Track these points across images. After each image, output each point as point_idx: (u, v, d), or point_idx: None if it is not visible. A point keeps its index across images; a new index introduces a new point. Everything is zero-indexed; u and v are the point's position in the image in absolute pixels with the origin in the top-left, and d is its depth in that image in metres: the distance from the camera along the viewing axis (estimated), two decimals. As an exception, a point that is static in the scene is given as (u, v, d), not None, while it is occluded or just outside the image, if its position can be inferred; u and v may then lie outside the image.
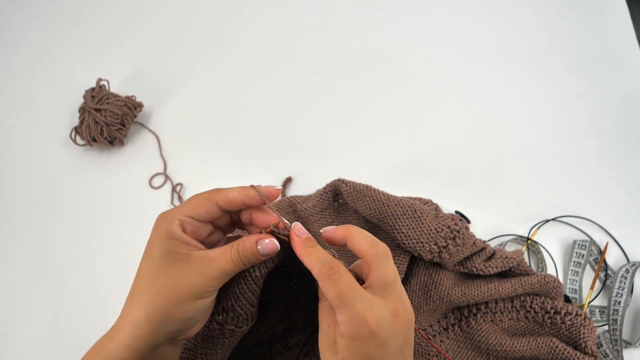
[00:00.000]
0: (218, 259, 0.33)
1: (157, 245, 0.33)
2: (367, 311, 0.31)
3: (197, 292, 0.33)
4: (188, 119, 0.67)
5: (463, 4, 0.76)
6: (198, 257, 0.33)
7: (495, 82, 0.69)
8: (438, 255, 0.49)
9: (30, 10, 0.79)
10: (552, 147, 0.63)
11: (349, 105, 0.68)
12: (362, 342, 0.31)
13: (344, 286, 0.31)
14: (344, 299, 0.31)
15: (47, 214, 0.61)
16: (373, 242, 0.34)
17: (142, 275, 0.33)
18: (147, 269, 0.33)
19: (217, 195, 0.34)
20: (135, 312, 0.32)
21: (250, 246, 0.34)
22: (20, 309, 0.55)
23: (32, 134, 0.67)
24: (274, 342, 0.46)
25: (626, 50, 0.70)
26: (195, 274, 0.32)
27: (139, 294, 0.32)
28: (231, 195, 0.34)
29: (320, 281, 0.32)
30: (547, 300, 0.50)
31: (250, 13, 0.77)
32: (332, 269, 0.32)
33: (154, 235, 0.33)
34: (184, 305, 0.32)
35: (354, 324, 0.31)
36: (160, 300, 0.32)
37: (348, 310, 0.31)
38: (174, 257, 0.32)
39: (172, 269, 0.32)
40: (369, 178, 0.57)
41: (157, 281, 0.32)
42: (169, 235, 0.33)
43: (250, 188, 0.34)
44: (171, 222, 0.33)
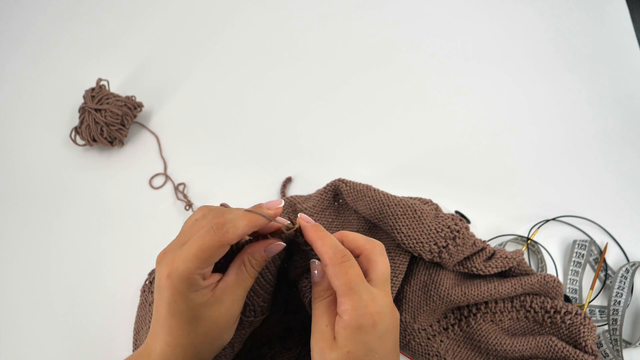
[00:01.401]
0: (239, 281, 0.34)
1: (182, 303, 0.32)
2: (372, 302, 0.32)
3: (234, 318, 0.34)
4: (188, 119, 0.67)
5: (463, 3, 0.76)
6: (222, 292, 0.33)
7: (495, 81, 0.69)
8: (438, 255, 0.49)
9: (30, 10, 0.79)
10: (552, 147, 0.63)
11: (348, 104, 0.68)
12: (366, 332, 0.31)
13: (354, 274, 0.32)
14: (353, 286, 0.31)
15: (47, 214, 0.61)
16: (368, 238, 0.36)
17: (175, 331, 0.32)
18: (180, 325, 0.32)
19: (227, 238, 0.32)
20: (179, 355, 0.32)
21: (260, 257, 0.35)
22: (20, 310, 0.55)
23: (32, 134, 0.67)
24: (273, 343, 0.46)
25: (626, 50, 0.70)
26: (228, 306, 0.33)
27: (181, 348, 0.32)
28: (241, 232, 0.33)
29: (332, 266, 0.32)
30: (547, 300, 0.50)
31: (249, 11, 0.77)
32: (345, 257, 0.33)
33: (175, 294, 0.31)
34: (225, 335, 0.34)
35: (360, 313, 0.31)
36: (204, 345, 0.33)
37: (355, 298, 0.31)
38: (203, 305, 0.32)
39: (208, 314, 0.33)
40: (369, 178, 0.57)
41: (196, 333, 0.32)
42: (192, 290, 0.32)
43: (255, 215, 0.33)
44: (192, 279, 0.32)
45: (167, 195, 0.61)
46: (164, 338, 0.32)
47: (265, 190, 0.61)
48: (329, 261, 0.33)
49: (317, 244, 0.34)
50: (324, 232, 0.35)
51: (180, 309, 0.32)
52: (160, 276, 0.32)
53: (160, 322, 0.33)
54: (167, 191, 0.62)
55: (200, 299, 0.32)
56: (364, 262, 0.35)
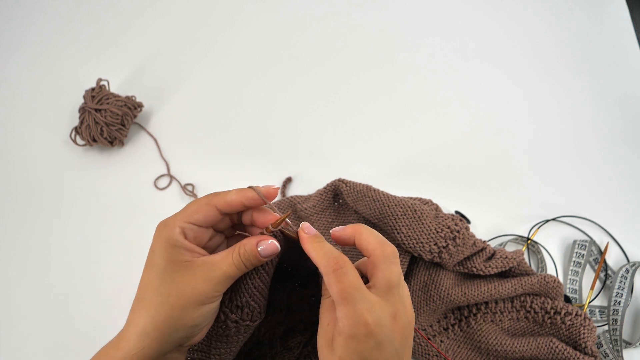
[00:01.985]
0: (221, 264, 0.33)
1: (159, 254, 0.33)
2: (367, 311, 0.31)
3: (202, 298, 0.33)
4: (188, 119, 0.67)
5: (463, 3, 0.76)
6: (201, 263, 0.33)
7: (495, 81, 0.69)
8: (438, 255, 0.49)
9: (30, 10, 0.79)
10: (552, 147, 0.63)
11: (348, 104, 0.68)
12: (360, 342, 0.31)
13: (348, 283, 0.31)
14: (346, 296, 0.31)
15: (47, 214, 0.61)
16: (381, 242, 0.34)
17: (146, 285, 0.33)
18: (150, 279, 0.33)
19: (215, 199, 0.34)
20: (142, 321, 0.32)
21: (251, 248, 0.34)
22: (20, 311, 0.55)
23: (32, 134, 0.67)
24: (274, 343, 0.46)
25: (626, 50, 0.70)
26: (199, 280, 0.33)
27: (145, 303, 0.33)
28: (230, 198, 0.34)
29: (325, 275, 0.32)
30: (547, 301, 0.50)
31: (249, 11, 0.77)
32: (338, 264, 0.32)
33: (156, 244, 0.33)
34: (191, 312, 0.33)
35: (353, 322, 0.30)
36: (166, 309, 0.32)
37: (348, 308, 0.31)
38: (177, 265, 0.33)
39: (177, 277, 0.32)
40: (369, 178, 0.57)
41: (162, 290, 0.32)
42: (170, 243, 0.33)
43: (248, 189, 0.34)
44: (172, 230, 0.33)
45: (167, 196, 0.61)
46: (139, 292, 0.33)
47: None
48: (323, 270, 0.32)
49: (312, 255, 0.33)
50: (320, 242, 0.34)
51: (156, 261, 0.33)
52: (153, 238, 0.34)
53: (141, 278, 0.34)
54: (167, 191, 0.62)
55: (177, 256, 0.33)
56: (370, 266, 0.34)
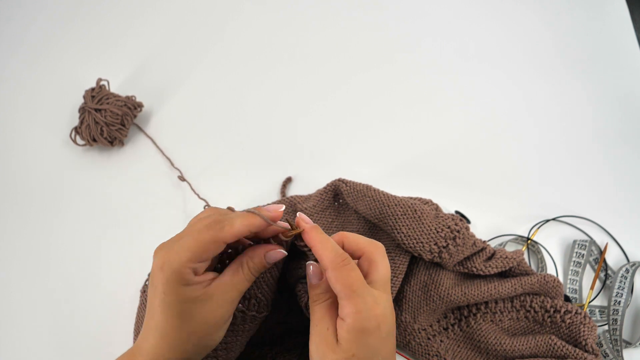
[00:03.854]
0: (233, 283, 0.34)
1: (173, 297, 0.32)
2: (375, 304, 0.31)
3: (224, 319, 0.34)
4: (188, 119, 0.67)
5: (463, 3, 0.76)
6: (215, 290, 0.33)
7: (495, 81, 0.69)
8: (438, 255, 0.49)
9: (30, 10, 0.79)
10: (552, 147, 0.63)
11: (349, 104, 0.68)
12: (370, 335, 0.31)
13: (355, 278, 0.32)
14: (356, 289, 0.31)
15: (47, 214, 0.61)
16: (370, 240, 0.35)
17: (162, 325, 0.32)
18: (168, 319, 0.32)
19: (222, 234, 0.33)
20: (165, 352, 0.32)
21: (259, 261, 0.34)
22: (19, 311, 0.55)
23: (32, 134, 0.67)
24: (274, 344, 0.46)
25: (626, 50, 0.70)
26: (218, 306, 0.33)
27: (167, 339, 0.32)
28: (237, 230, 0.33)
29: (333, 270, 0.32)
30: (546, 299, 0.50)
31: (250, 11, 0.77)
32: (346, 260, 0.32)
33: (166, 286, 0.32)
34: (214, 335, 0.34)
35: (363, 316, 0.31)
36: (192, 343, 0.33)
37: (359, 301, 0.31)
38: (193, 301, 0.32)
39: (196, 311, 0.32)
40: (369, 178, 0.57)
41: (185, 327, 0.32)
42: (183, 284, 0.32)
43: (253, 216, 0.33)
44: (183, 272, 0.32)
45: (168, 196, 0.61)
46: (153, 335, 0.32)
47: (265, 190, 0.61)
48: (329, 265, 0.32)
49: (317, 247, 0.33)
50: (323, 234, 0.34)
51: (170, 302, 0.32)
52: (154, 268, 0.32)
53: (151, 316, 0.33)
54: (168, 191, 0.62)
55: (191, 293, 0.32)
56: (365, 264, 0.35)
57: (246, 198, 0.60)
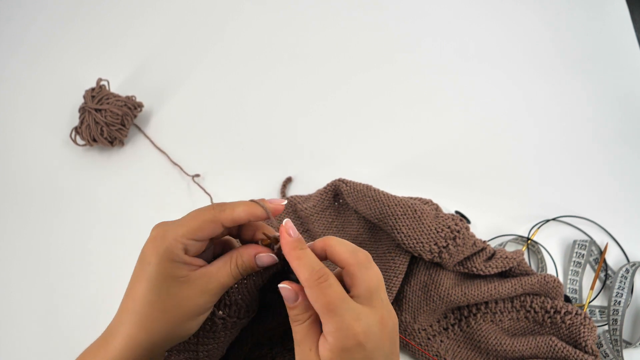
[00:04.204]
0: (218, 275, 0.33)
1: (156, 268, 0.32)
2: (355, 321, 0.30)
3: (200, 310, 0.33)
4: (188, 119, 0.67)
5: (463, 3, 0.76)
6: (199, 276, 0.33)
7: (495, 81, 0.69)
8: (438, 255, 0.49)
9: (30, 10, 0.79)
10: (552, 147, 0.63)
11: (349, 104, 0.68)
12: (353, 353, 0.30)
13: (334, 295, 0.30)
14: (333, 308, 0.30)
15: (47, 213, 0.61)
16: (353, 250, 0.33)
17: (139, 297, 0.32)
18: (145, 292, 0.32)
19: (222, 215, 0.33)
20: (135, 334, 0.32)
21: (248, 259, 0.34)
22: (18, 310, 0.55)
23: (32, 134, 0.67)
24: (274, 344, 0.46)
25: (626, 50, 0.70)
26: (197, 293, 0.32)
27: (139, 317, 0.32)
28: (237, 215, 0.33)
29: (309, 289, 0.31)
30: (547, 300, 0.50)
31: (250, 12, 0.77)
32: (322, 277, 0.31)
33: (153, 257, 0.32)
34: (187, 324, 0.33)
35: (343, 334, 0.30)
36: (163, 324, 0.32)
37: (337, 320, 0.30)
38: (175, 280, 0.32)
39: (174, 291, 0.32)
40: (369, 178, 0.57)
41: (159, 305, 0.32)
42: (170, 258, 0.32)
43: (256, 205, 0.34)
44: (174, 246, 0.32)
45: (168, 195, 0.61)
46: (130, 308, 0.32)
47: (265, 190, 0.61)
48: (305, 283, 0.31)
49: (294, 264, 0.32)
50: (303, 249, 0.33)
51: (152, 275, 0.31)
52: (147, 241, 0.32)
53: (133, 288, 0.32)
54: (168, 191, 0.62)
55: (175, 271, 0.32)
56: (347, 277, 0.33)
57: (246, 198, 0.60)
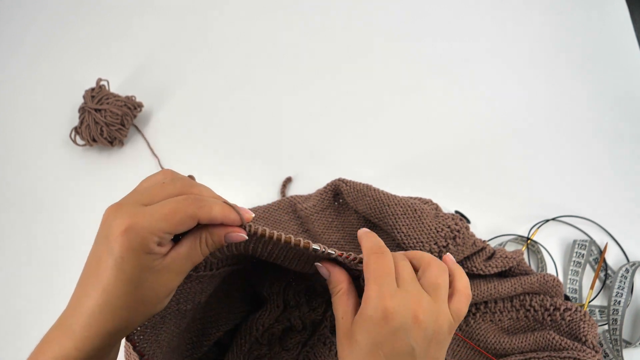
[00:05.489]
0: (190, 255, 0.33)
1: (130, 262, 0.30)
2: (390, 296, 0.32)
3: (172, 290, 0.33)
4: (188, 119, 0.67)
5: (463, 4, 0.76)
6: (172, 261, 0.32)
7: (495, 81, 0.69)
8: (438, 255, 0.49)
9: (30, 10, 0.79)
10: (552, 147, 0.63)
11: (349, 104, 0.68)
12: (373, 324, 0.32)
13: (382, 265, 0.34)
14: (377, 276, 0.33)
15: (47, 214, 0.61)
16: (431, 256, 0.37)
17: (114, 289, 0.31)
18: (119, 284, 0.30)
19: (201, 212, 0.32)
20: (105, 324, 0.31)
21: (218, 240, 0.34)
22: (19, 310, 0.55)
23: (32, 134, 0.67)
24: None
25: (626, 50, 0.70)
26: (172, 277, 0.32)
27: (112, 307, 0.31)
28: (214, 214, 0.33)
29: (366, 257, 0.34)
30: (546, 298, 0.50)
31: (250, 14, 0.77)
32: (380, 249, 0.35)
33: (128, 252, 0.30)
34: (160, 304, 0.33)
35: (373, 303, 0.32)
36: (139, 311, 0.32)
37: (375, 288, 0.33)
38: (150, 270, 0.31)
39: (150, 280, 0.31)
40: (369, 178, 0.57)
41: (135, 296, 0.31)
42: (145, 251, 0.30)
43: (231, 209, 0.34)
44: (149, 239, 0.30)
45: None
46: (96, 298, 0.30)
47: (265, 190, 0.61)
48: (366, 251, 0.35)
49: (362, 236, 0.37)
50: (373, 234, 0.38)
51: (126, 268, 0.30)
52: (113, 229, 0.30)
53: (99, 277, 0.31)
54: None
55: (150, 263, 0.31)
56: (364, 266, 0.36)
57: (246, 198, 0.60)
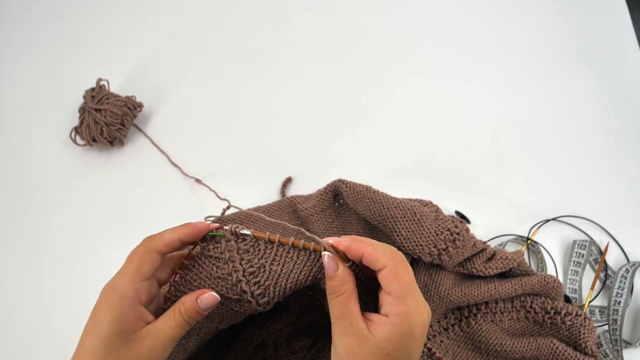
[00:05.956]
0: (165, 329, 0.33)
1: (107, 325, 0.31)
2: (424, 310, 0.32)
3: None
4: (188, 119, 0.67)
5: (463, 4, 0.76)
6: (147, 333, 0.33)
7: (495, 82, 0.69)
8: (438, 257, 0.49)
9: (30, 11, 0.79)
10: (552, 147, 0.63)
11: (349, 105, 0.68)
12: (412, 340, 0.31)
13: (412, 276, 0.32)
14: (412, 290, 0.31)
15: (47, 214, 0.61)
16: (391, 250, 0.33)
17: (89, 354, 0.32)
18: (96, 349, 0.31)
19: (153, 243, 0.34)
20: None
21: (191, 305, 0.34)
22: (19, 311, 0.55)
23: (32, 134, 0.67)
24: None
25: (626, 50, 0.70)
26: (147, 350, 0.32)
27: None
28: (167, 238, 0.34)
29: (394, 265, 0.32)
30: (547, 301, 0.50)
31: (250, 13, 0.77)
32: (402, 257, 0.33)
33: (105, 313, 0.32)
34: None
35: (412, 320, 0.31)
36: None
37: (412, 304, 0.31)
38: (124, 337, 0.32)
39: (124, 349, 0.32)
40: (369, 178, 0.57)
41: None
42: (119, 313, 0.32)
43: (183, 226, 0.35)
44: (123, 299, 0.32)
45: (168, 195, 0.61)
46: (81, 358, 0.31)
47: (265, 190, 0.61)
48: (390, 262, 0.32)
49: (369, 250, 0.32)
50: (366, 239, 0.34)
51: (103, 332, 0.31)
52: (97, 301, 0.33)
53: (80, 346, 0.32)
54: (168, 191, 0.62)
55: (124, 326, 0.32)
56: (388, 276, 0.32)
57: (246, 198, 0.60)
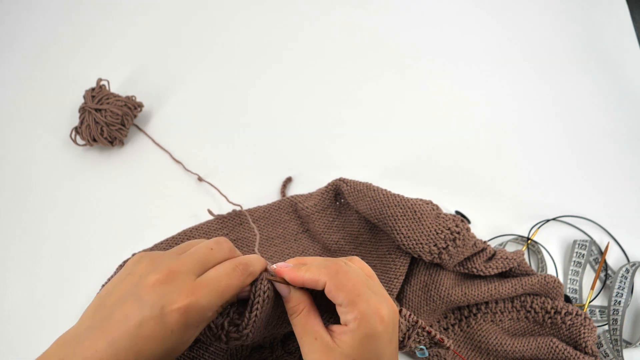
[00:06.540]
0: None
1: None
2: (380, 305, 0.31)
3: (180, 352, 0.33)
4: (188, 119, 0.67)
5: (463, 4, 0.76)
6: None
7: (495, 82, 0.69)
8: (438, 256, 0.49)
9: (30, 10, 0.79)
10: (552, 147, 0.63)
11: (350, 105, 0.68)
12: (375, 340, 0.31)
13: (355, 280, 0.31)
14: (359, 292, 0.31)
15: (47, 214, 0.61)
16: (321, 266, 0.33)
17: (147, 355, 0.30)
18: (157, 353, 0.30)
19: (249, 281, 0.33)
20: None
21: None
22: (19, 311, 0.55)
23: (32, 134, 0.67)
24: (275, 347, 0.46)
25: (626, 50, 0.70)
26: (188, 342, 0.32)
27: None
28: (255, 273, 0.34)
29: (330, 280, 0.31)
30: (547, 300, 0.50)
31: (250, 12, 0.77)
32: (338, 266, 0.32)
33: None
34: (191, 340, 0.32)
35: (368, 321, 0.30)
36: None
37: (363, 305, 0.30)
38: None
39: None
40: (369, 178, 0.57)
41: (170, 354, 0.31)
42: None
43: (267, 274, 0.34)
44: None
45: (168, 195, 0.61)
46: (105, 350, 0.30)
47: (265, 190, 0.61)
48: (326, 276, 0.31)
49: (306, 277, 0.32)
50: (304, 264, 0.34)
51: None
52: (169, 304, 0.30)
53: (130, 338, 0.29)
54: (168, 190, 0.62)
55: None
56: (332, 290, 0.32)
57: (246, 198, 0.60)
